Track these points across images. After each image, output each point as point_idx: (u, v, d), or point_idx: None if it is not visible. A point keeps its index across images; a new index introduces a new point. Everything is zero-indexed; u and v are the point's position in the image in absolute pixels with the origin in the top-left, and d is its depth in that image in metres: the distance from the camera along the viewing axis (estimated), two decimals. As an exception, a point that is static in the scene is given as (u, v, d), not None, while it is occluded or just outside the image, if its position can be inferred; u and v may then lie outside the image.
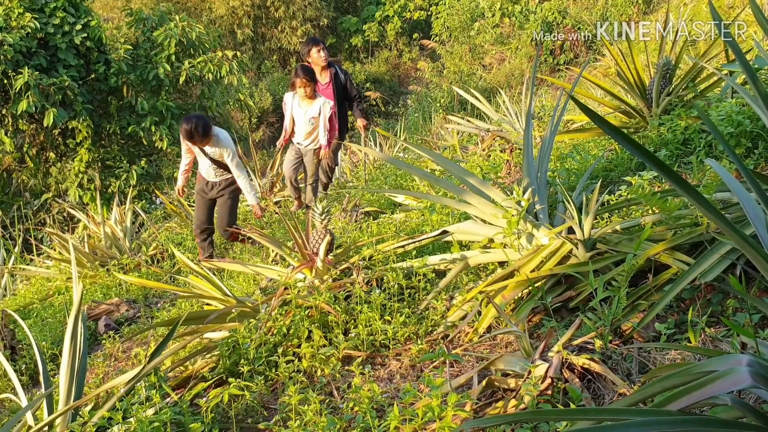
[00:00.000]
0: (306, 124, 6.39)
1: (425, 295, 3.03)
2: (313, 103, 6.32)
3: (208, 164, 5.53)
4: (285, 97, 6.56)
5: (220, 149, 5.45)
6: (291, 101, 6.44)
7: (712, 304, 2.34)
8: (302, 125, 6.43)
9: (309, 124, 6.38)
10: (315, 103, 6.33)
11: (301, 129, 6.46)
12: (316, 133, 6.42)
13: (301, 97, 6.30)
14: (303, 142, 6.52)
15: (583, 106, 1.43)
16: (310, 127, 6.40)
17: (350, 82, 7.09)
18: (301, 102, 6.34)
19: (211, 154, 5.48)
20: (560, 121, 3.45)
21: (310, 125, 6.38)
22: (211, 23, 19.36)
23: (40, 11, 10.44)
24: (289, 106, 6.47)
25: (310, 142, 6.49)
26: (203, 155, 5.48)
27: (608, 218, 3.02)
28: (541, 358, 2.13)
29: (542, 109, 8.15)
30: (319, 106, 6.30)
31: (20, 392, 2.79)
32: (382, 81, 19.90)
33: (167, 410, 2.30)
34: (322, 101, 6.33)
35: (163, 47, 11.49)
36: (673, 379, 1.46)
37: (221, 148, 5.45)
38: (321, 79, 6.83)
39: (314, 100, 6.32)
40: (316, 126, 6.37)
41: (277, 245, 3.84)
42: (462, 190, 3.22)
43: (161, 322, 3.46)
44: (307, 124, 6.39)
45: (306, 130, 6.44)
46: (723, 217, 1.48)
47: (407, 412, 2.00)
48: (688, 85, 4.79)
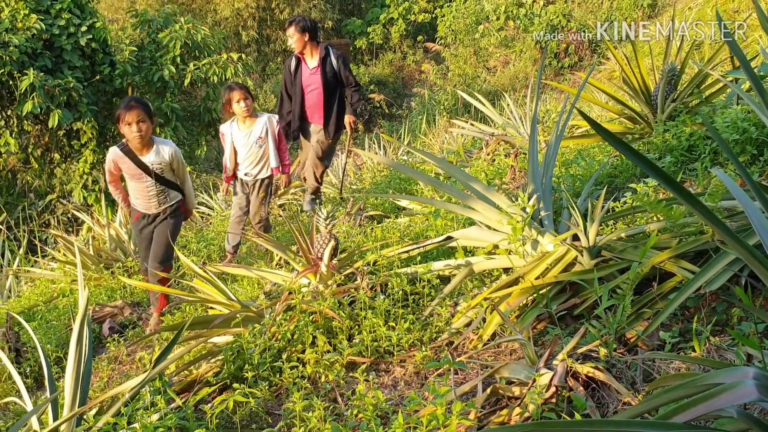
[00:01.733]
0: (254, 147, 5.52)
1: (429, 301, 3.03)
2: (256, 122, 5.52)
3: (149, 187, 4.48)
4: (221, 128, 5.67)
5: (166, 157, 4.46)
6: (229, 129, 5.55)
7: (717, 312, 2.34)
8: (249, 151, 5.54)
9: (257, 147, 5.52)
10: (258, 120, 5.52)
11: (248, 156, 5.56)
12: (267, 157, 5.59)
13: (240, 118, 5.49)
14: (252, 171, 5.60)
15: (586, 116, 1.44)
16: (259, 150, 5.54)
17: (345, 68, 6.34)
18: (241, 125, 5.52)
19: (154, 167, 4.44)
20: (565, 126, 3.45)
21: (259, 148, 5.52)
22: (216, 25, 19.42)
23: (45, 12, 10.47)
24: (228, 137, 5.55)
25: (261, 168, 5.61)
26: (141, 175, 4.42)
27: (613, 225, 3.02)
28: (545, 366, 2.13)
29: (546, 114, 8.14)
30: (263, 123, 5.51)
31: (25, 395, 2.80)
32: (386, 83, 19.92)
33: (172, 416, 2.31)
34: (266, 117, 5.56)
35: (168, 49, 11.53)
36: (678, 391, 1.46)
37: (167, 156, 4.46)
38: (309, 63, 6.26)
39: (256, 118, 5.53)
40: (267, 148, 5.55)
41: (282, 249, 3.85)
42: (466, 195, 3.22)
43: (166, 326, 3.46)
44: (254, 148, 5.53)
45: (255, 156, 5.56)
46: (725, 226, 1.48)
47: (411, 420, 2.00)
48: (694, 91, 4.79)
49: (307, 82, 6.34)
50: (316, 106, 6.36)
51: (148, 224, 4.64)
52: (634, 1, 14.58)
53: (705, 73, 4.78)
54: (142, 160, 4.40)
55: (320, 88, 6.26)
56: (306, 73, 6.32)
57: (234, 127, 5.53)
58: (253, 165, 5.58)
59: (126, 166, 4.44)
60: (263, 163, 5.59)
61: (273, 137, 5.55)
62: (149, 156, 4.41)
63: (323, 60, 6.23)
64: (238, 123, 5.51)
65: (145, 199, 4.54)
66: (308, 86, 6.34)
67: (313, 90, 6.31)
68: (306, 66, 6.32)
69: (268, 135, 5.53)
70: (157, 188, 4.50)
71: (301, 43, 6.16)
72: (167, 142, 4.56)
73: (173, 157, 4.52)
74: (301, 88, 6.34)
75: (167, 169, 4.50)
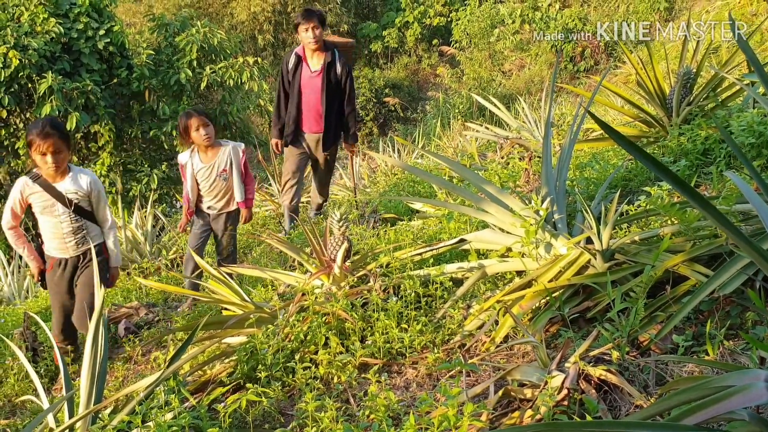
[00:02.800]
0: (218, 180, 4.95)
1: (442, 304, 3.03)
2: (219, 151, 4.93)
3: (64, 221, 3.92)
4: (179, 159, 5.06)
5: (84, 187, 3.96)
6: (189, 159, 4.94)
7: (731, 316, 2.33)
8: (212, 184, 4.96)
9: (221, 180, 4.95)
10: (222, 150, 4.94)
11: (211, 190, 4.98)
12: (233, 190, 5.03)
13: (201, 148, 4.91)
14: (216, 205, 5.04)
15: (598, 119, 1.44)
16: (223, 184, 4.98)
17: (350, 80, 5.78)
18: (203, 155, 4.93)
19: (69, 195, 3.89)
20: (579, 129, 3.45)
21: (223, 181, 4.96)
22: (232, 29, 19.54)
23: (64, 16, 10.62)
24: (188, 169, 4.94)
25: (225, 202, 5.06)
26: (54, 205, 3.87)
27: (627, 228, 3.01)
28: (557, 368, 2.12)
29: (561, 117, 8.13)
30: (228, 152, 4.93)
31: (42, 394, 2.84)
32: (401, 87, 19.94)
33: (186, 415, 2.33)
34: (231, 145, 4.99)
35: (185, 52, 11.62)
36: (690, 393, 1.46)
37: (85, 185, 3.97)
38: (311, 65, 5.67)
39: (219, 147, 4.94)
40: (232, 180, 4.98)
41: (295, 251, 3.87)
42: (480, 198, 3.22)
43: (180, 326, 3.49)
44: (218, 181, 4.96)
45: (219, 189, 4.99)
46: (737, 230, 1.48)
47: (423, 421, 2.00)
48: (709, 95, 4.76)
49: (307, 86, 5.76)
50: (314, 113, 5.81)
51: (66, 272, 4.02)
52: (650, 5, 14.51)
53: (721, 76, 4.75)
54: (56, 188, 3.87)
55: (319, 94, 5.72)
56: (306, 75, 5.74)
57: (195, 157, 4.93)
58: (218, 199, 5.03)
59: (36, 198, 3.86)
60: (229, 197, 5.05)
61: (238, 169, 4.96)
62: (64, 183, 3.89)
63: (328, 65, 5.67)
64: (199, 153, 4.93)
65: (59, 238, 3.96)
66: (306, 90, 5.78)
67: (312, 96, 5.76)
68: (307, 67, 5.73)
69: (233, 167, 4.94)
70: (72, 222, 3.93)
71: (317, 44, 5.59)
72: (87, 172, 4.02)
73: (92, 187, 3.98)
74: (299, 90, 5.77)
75: (84, 201, 3.96)
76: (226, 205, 5.06)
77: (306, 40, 5.58)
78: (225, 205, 5.05)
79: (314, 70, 5.67)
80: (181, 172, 5.05)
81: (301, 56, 5.72)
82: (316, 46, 5.58)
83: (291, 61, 5.75)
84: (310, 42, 5.56)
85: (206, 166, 4.90)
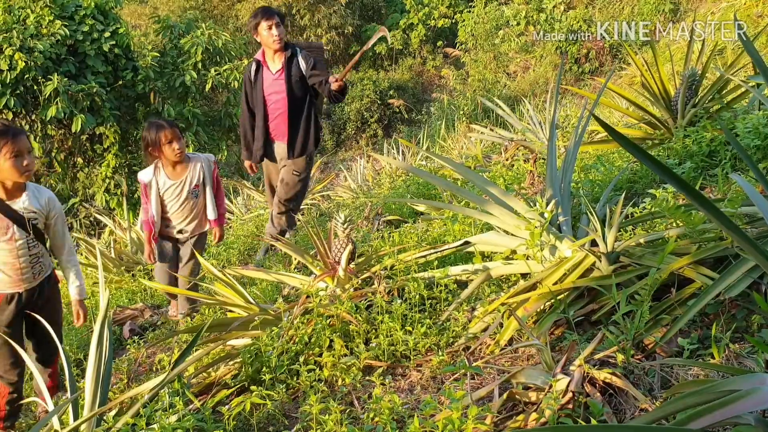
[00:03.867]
0: (189, 199, 4.37)
1: (446, 306, 3.03)
2: (189, 167, 4.36)
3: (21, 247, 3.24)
4: (141, 177, 4.36)
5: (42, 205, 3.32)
6: (153, 177, 4.30)
7: (737, 319, 2.32)
8: (183, 204, 4.37)
9: (192, 198, 4.38)
10: (192, 166, 4.37)
11: (181, 210, 4.39)
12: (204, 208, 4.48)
13: (168, 163, 4.29)
14: (188, 228, 4.46)
15: (603, 122, 1.44)
16: (195, 202, 4.40)
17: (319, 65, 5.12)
18: (170, 171, 4.33)
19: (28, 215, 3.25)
20: (584, 131, 3.44)
21: (195, 198, 4.39)
22: (237, 31, 19.57)
23: (69, 18, 10.66)
24: (153, 188, 4.29)
25: (198, 224, 4.50)
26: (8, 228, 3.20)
27: (632, 231, 3.01)
28: (562, 371, 2.12)
29: (566, 119, 8.12)
30: (199, 166, 4.38)
31: (47, 396, 2.84)
32: (405, 88, 19.93)
33: (190, 417, 2.33)
34: (203, 158, 4.45)
35: (190, 54, 11.65)
36: (695, 397, 1.45)
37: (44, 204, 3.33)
38: (271, 66, 5.17)
39: (189, 162, 4.37)
40: (204, 198, 4.43)
41: (300, 253, 3.87)
42: (484, 200, 3.22)
43: (185, 328, 3.50)
44: (190, 199, 4.37)
45: (191, 209, 4.41)
46: (742, 232, 1.47)
47: (427, 424, 2.00)
48: (714, 97, 4.75)
49: (270, 90, 5.23)
50: (281, 119, 5.26)
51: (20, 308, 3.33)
52: (655, 6, 14.47)
53: (726, 78, 4.74)
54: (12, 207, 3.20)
55: (284, 95, 5.16)
56: (268, 79, 5.21)
57: (160, 175, 4.31)
58: (189, 220, 4.44)
59: None
60: (201, 217, 4.50)
61: (212, 184, 4.43)
62: (21, 201, 3.24)
63: (288, 61, 5.11)
64: (165, 170, 4.31)
65: (13, 268, 3.26)
66: (270, 95, 5.24)
67: (278, 100, 5.22)
68: (268, 70, 5.21)
69: (205, 182, 4.40)
70: (30, 248, 3.28)
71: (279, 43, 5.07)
72: (44, 189, 3.43)
73: (50, 206, 3.36)
74: (263, 98, 5.23)
75: (42, 223, 3.33)
76: (199, 226, 4.51)
77: (268, 39, 5.08)
78: (197, 227, 4.50)
79: (275, 70, 5.17)
80: (142, 193, 4.39)
81: (261, 61, 5.26)
82: (279, 46, 5.08)
83: (251, 70, 5.30)
84: (273, 41, 5.06)
85: (175, 183, 4.30)
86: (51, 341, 3.13)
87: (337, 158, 17.54)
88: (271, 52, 5.15)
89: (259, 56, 5.26)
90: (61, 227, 3.43)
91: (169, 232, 4.45)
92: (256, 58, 5.27)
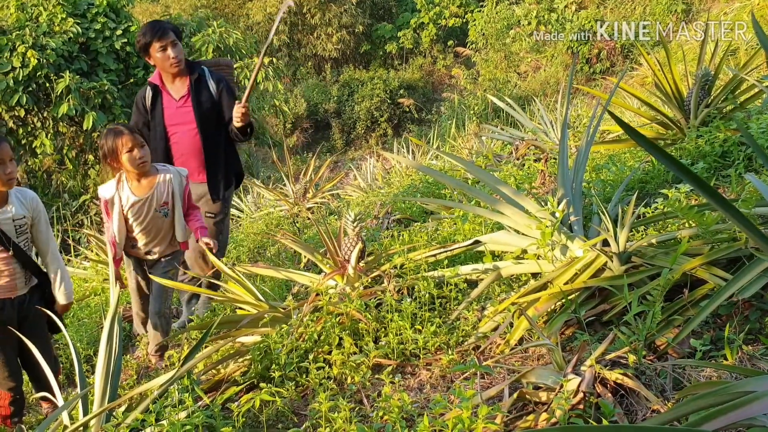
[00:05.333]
0: (156, 217, 3.79)
1: (456, 305, 3.02)
2: (157, 180, 3.76)
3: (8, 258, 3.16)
4: (101, 192, 3.75)
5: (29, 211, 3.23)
6: (116, 192, 3.70)
7: (750, 321, 2.30)
8: (149, 223, 3.78)
9: (161, 216, 3.80)
10: (161, 179, 3.77)
11: (148, 229, 3.78)
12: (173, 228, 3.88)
13: (132, 176, 3.71)
14: (155, 249, 3.85)
15: (620, 120, 1.42)
16: (164, 220, 3.82)
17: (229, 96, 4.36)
18: (135, 186, 3.73)
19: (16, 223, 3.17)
20: (596, 130, 3.43)
21: (164, 216, 3.81)
22: (248, 29, 19.63)
23: (82, 16, 10.71)
24: (116, 204, 3.70)
25: (167, 243, 3.90)
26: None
27: (644, 231, 2.99)
28: (573, 371, 2.11)
29: (577, 119, 8.08)
30: (168, 181, 3.78)
31: (57, 391, 2.85)
32: (415, 88, 19.93)
33: (199, 414, 2.33)
34: (174, 171, 3.83)
35: (201, 53, 11.69)
36: (709, 398, 1.44)
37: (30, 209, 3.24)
38: (173, 92, 4.31)
39: (156, 174, 3.77)
40: (173, 216, 3.84)
41: (310, 251, 3.87)
42: (495, 199, 3.21)
43: (195, 325, 3.50)
44: (157, 218, 3.80)
45: (159, 228, 3.83)
46: (761, 233, 1.46)
47: (437, 423, 1.99)
48: (728, 97, 4.72)
49: (174, 121, 4.34)
50: (192, 155, 4.37)
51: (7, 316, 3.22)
52: (667, 6, 14.40)
53: (740, 78, 4.70)
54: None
55: (194, 125, 4.30)
56: (170, 108, 4.30)
57: (124, 189, 3.72)
58: (157, 241, 3.86)
59: None
60: (171, 237, 3.91)
61: (182, 201, 3.84)
62: (8, 211, 3.14)
63: (195, 85, 4.28)
64: (129, 184, 3.73)
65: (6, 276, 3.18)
66: (174, 127, 4.35)
67: (185, 132, 4.34)
68: (169, 97, 4.31)
69: (174, 199, 3.81)
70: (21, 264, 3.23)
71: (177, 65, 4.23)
72: (27, 191, 3.29)
73: (34, 206, 3.24)
74: (164, 131, 4.30)
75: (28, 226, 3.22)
76: (169, 246, 3.93)
77: (164, 62, 4.20)
78: (167, 248, 3.92)
79: (179, 96, 4.28)
80: (103, 210, 3.82)
81: (159, 86, 4.32)
82: (177, 69, 4.23)
83: (147, 96, 4.33)
84: (170, 64, 4.21)
85: (141, 199, 3.71)
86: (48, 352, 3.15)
87: (346, 157, 17.56)
88: (169, 76, 4.30)
89: (155, 79, 4.34)
90: (45, 228, 3.31)
91: (135, 252, 3.86)
92: (152, 81, 4.33)
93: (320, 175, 9.27)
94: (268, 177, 12.97)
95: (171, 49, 4.16)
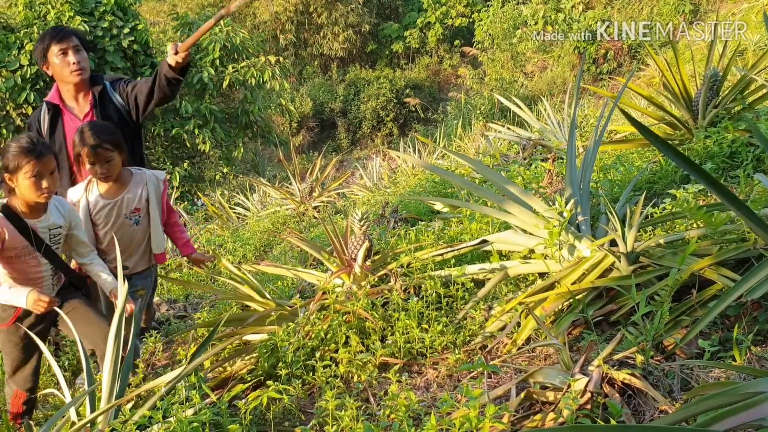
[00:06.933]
0: (125, 225, 3.40)
1: (463, 305, 3.02)
2: (130, 185, 3.40)
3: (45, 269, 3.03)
4: (70, 195, 3.39)
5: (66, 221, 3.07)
6: (83, 195, 3.35)
7: (759, 322, 2.29)
8: (119, 230, 3.36)
9: (132, 224, 3.41)
10: (135, 182, 3.41)
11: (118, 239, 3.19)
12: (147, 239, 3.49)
13: (99, 180, 3.35)
14: (126, 263, 3.36)
15: (633, 118, 1.42)
16: (135, 229, 3.43)
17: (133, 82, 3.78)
18: (105, 190, 3.37)
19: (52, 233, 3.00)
20: (605, 130, 3.42)
21: (135, 225, 3.42)
22: (254, 28, 19.66)
23: (89, 15, 10.72)
24: (82, 208, 3.32)
25: (139, 257, 3.49)
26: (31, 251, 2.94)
27: (652, 231, 2.98)
28: (580, 371, 2.10)
29: (584, 119, 8.06)
30: (143, 184, 3.42)
31: (64, 388, 2.86)
32: (422, 87, 19.93)
33: (206, 411, 2.34)
34: (148, 175, 3.45)
35: (208, 51, 11.70)
36: (717, 399, 1.43)
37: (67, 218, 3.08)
38: (74, 109, 3.68)
39: (130, 178, 3.42)
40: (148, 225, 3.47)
41: (317, 250, 3.87)
42: (502, 199, 3.20)
43: (202, 323, 3.51)
44: (127, 226, 3.40)
45: (130, 239, 3.43)
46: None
47: (444, 422, 1.99)
48: (736, 97, 4.70)
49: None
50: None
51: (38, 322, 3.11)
52: (675, 7, 14.36)
53: (749, 78, 4.69)
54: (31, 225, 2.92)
55: None
56: (72, 128, 3.58)
57: (92, 191, 3.38)
58: (127, 253, 3.40)
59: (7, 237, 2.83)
60: (143, 249, 3.51)
61: (158, 208, 3.47)
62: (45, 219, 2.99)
63: (100, 99, 3.69)
64: (98, 186, 3.38)
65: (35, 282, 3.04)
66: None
67: None
68: (71, 116, 3.68)
69: (151, 204, 3.44)
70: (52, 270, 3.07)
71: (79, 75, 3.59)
72: (64, 200, 3.18)
73: (71, 216, 3.12)
74: (66, 154, 3.65)
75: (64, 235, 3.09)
76: (142, 260, 3.51)
77: (64, 69, 3.59)
78: (140, 262, 3.51)
79: (84, 115, 3.67)
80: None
81: (58, 104, 3.69)
82: (79, 77, 3.60)
83: (42, 119, 3.68)
84: (72, 71, 3.58)
85: (110, 203, 3.35)
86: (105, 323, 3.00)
87: (352, 156, 17.57)
88: (71, 90, 3.67)
89: (53, 98, 3.70)
90: (80, 234, 3.18)
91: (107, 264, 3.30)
92: (49, 100, 3.69)
93: (326, 174, 9.28)
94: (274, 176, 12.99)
95: (73, 53, 3.56)
